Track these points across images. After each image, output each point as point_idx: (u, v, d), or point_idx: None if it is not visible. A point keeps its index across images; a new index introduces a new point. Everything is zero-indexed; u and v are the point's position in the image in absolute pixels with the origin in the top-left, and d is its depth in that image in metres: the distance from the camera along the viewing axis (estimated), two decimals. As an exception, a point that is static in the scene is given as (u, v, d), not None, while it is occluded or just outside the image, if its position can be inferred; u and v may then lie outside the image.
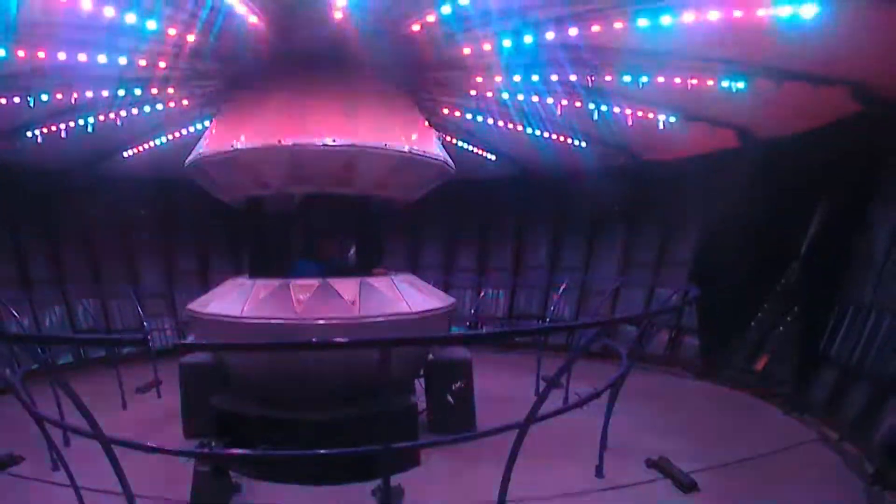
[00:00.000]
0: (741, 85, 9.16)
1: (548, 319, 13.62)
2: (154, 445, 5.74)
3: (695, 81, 9.25)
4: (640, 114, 10.95)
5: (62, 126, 11.29)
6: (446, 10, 7.35)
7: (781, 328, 12.36)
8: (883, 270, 9.65)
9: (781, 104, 9.79)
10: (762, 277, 12.72)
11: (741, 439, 8.94)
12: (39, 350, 7.81)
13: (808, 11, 6.75)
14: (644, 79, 9.27)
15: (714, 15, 7.13)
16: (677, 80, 9.26)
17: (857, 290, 10.15)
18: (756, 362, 12.46)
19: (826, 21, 6.87)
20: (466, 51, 8.60)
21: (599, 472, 7.67)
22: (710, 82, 9.20)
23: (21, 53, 7.99)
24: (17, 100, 9.54)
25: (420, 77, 9.71)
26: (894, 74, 8.61)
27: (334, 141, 8.04)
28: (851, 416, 9.00)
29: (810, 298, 11.33)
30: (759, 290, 12.86)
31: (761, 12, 6.97)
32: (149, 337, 12.28)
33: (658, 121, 11.08)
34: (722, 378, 12.65)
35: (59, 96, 9.69)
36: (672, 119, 11.12)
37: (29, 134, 11.50)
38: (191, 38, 8.01)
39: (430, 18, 7.58)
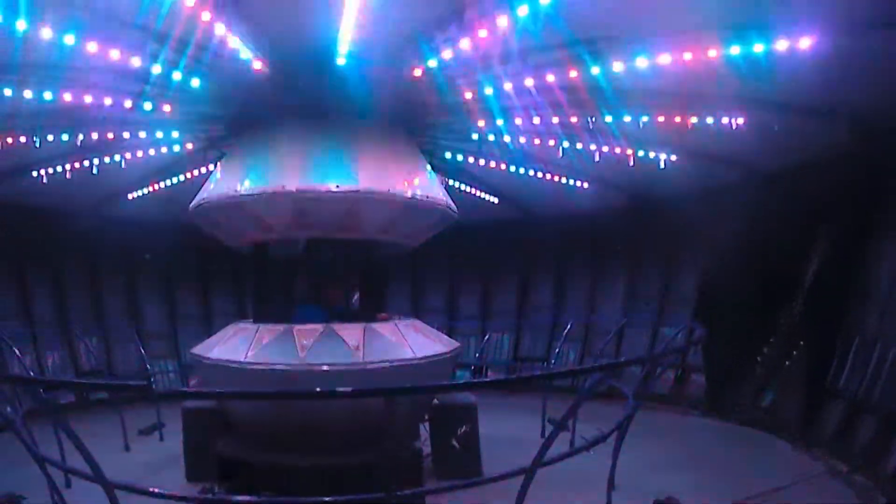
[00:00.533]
0: (741, 121, 9.22)
1: (552, 361, 13.55)
2: (156, 490, 5.67)
3: (695, 120, 9.32)
4: (640, 153, 11.00)
5: (67, 167, 11.39)
6: (447, 55, 7.43)
7: (787, 362, 12.28)
8: (887, 301, 9.62)
9: (781, 138, 9.84)
10: (766, 312, 12.68)
11: (750, 475, 8.90)
12: (41, 390, 7.75)
13: (805, 44, 6.82)
14: (644, 118, 9.34)
15: (713, 53, 7.20)
16: (677, 119, 9.34)
17: (861, 322, 10.11)
18: (763, 397, 12.38)
19: (823, 53, 6.93)
20: (468, 95, 8.68)
21: (608, 513, 7.58)
22: (710, 120, 9.27)
23: (28, 94, 8.10)
24: (22, 139, 9.63)
25: (423, 122, 9.78)
26: (892, 105, 8.65)
27: (338, 187, 8.06)
28: (861, 448, 8.93)
29: (815, 332, 11.30)
30: (763, 325, 12.81)
31: (758, 47, 7.02)
32: (152, 380, 12.22)
33: (659, 159, 11.12)
34: (729, 414, 12.56)
35: (64, 137, 9.77)
36: (673, 157, 11.16)
37: (34, 174, 11.57)
38: (195, 82, 8.10)
39: (432, 64, 7.64)
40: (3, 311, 14.37)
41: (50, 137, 9.69)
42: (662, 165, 11.20)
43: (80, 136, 9.83)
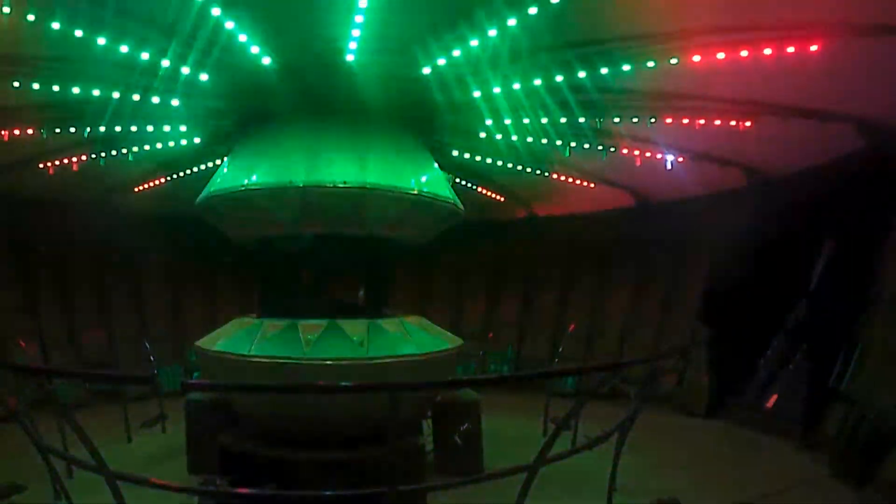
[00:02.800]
0: (748, 123, 9.21)
1: (556, 361, 13.57)
2: (158, 481, 5.70)
3: (702, 122, 9.32)
4: (647, 154, 11.01)
5: (74, 159, 11.43)
6: (457, 53, 7.44)
7: (791, 366, 12.27)
8: (892, 306, 9.59)
9: (788, 141, 9.85)
10: (771, 315, 12.66)
11: (753, 478, 8.89)
12: (47, 381, 7.80)
13: (814, 47, 6.84)
14: (652, 120, 9.35)
15: (720, 55, 7.21)
16: (685, 121, 9.34)
17: (866, 327, 10.08)
18: (766, 400, 12.36)
19: (831, 56, 6.94)
20: (476, 94, 8.69)
21: (608, 513, 7.58)
22: (717, 122, 9.26)
23: (35, 86, 8.13)
24: (30, 131, 9.69)
25: (431, 120, 9.77)
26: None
27: (345, 182, 8.07)
28: (862, 451, 8.90)
29: (819, 335, 11.27)
30: (767, 328, 12.79)
31: (767, 51, 7.03)
32: (155, 373, 12.22)
33: (666, 161, 11.12)
34: (732, 416, 12.54)
35: (72, 130, 9.81)
36: (680, 158, 11.16)
37: (41, 165, 11.62)
38: (203, 76, 8.12)
39: (441, 62, 7.66)
40: (8, 304, 14.35)
41: (57, 130, 9.73)
42: (669, 167, 11.19)
43: (88, 129, 9.87)
